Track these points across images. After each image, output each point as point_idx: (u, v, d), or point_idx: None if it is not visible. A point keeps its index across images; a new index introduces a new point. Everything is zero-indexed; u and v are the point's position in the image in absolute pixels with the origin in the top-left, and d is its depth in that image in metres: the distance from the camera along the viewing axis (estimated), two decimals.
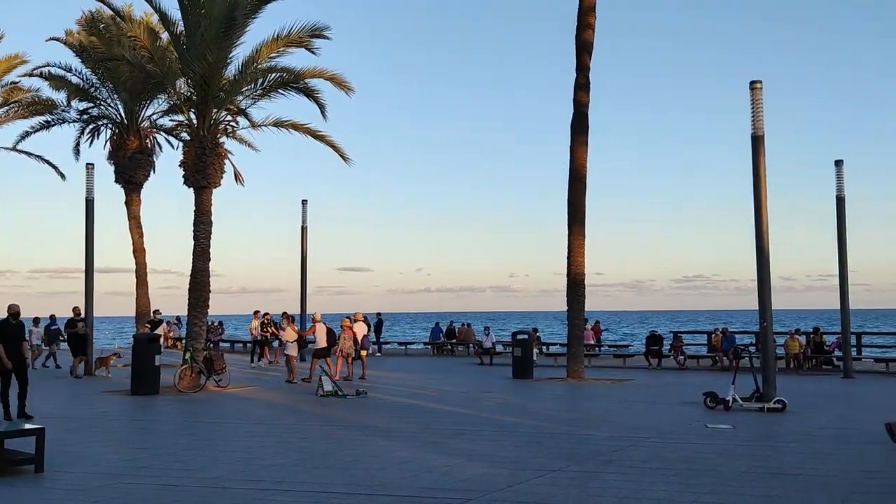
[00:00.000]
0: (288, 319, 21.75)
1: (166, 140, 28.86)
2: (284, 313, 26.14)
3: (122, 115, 27.01)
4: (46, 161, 29.69)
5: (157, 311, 24.07)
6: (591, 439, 10.77)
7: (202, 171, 19.34)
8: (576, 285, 21.08)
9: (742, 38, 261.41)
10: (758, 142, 15.22)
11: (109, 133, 27.63)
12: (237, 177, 25.44)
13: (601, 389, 18.38)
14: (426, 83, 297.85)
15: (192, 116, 20.01)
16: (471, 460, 9.12)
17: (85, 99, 27.01)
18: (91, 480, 8.17)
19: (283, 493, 7.46)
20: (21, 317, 13.09)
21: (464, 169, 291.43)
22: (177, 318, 33.83)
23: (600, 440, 10.66)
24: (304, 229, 29.61)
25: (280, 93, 20.74)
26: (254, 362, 26.20)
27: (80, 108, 27.45)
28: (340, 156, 23.05)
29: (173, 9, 19.29)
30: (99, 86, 26.66)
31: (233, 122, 20.98)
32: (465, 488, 7.62)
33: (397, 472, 8.41)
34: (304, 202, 29.70)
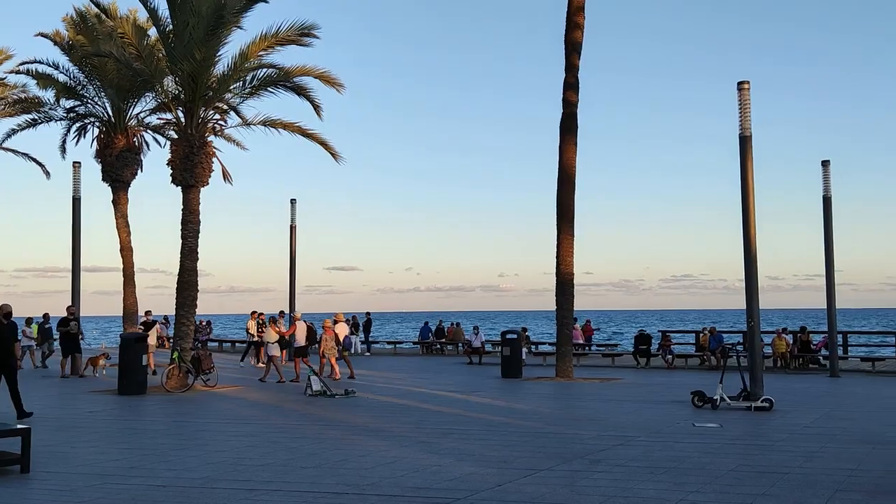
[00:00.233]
0: (271, 319, 21.74)
1: (154, 138, 28.66)
2: (281, 312, 26.11)
3: (110, 113, 26.80)
4: (33, 159, 29.48)
5: (149, 312, 23.92)
6: (579, 438, 10.79)
7: (190, 170, 19.25)
8: (565, 285, 21.11)
9: (730, 38, 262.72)
10: (745, 142, 15.30)
11: (96, 131, 27.43)
12: (225, 176, 25.32)
13: (590, 389, 18.42)
14: (415, 83, 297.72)
15: (180, 115, 19.91)
16: (459, 460, 9.12)
17: (72, 97, 26.80)
18: (77, 481, 8.12)
19: (271, 493, 7.43)
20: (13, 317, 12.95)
21: (453, 168, 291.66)
22: (164, 318, 33.71)
23: (589, 439, 10.68)
24: (292, 228, 29.55)
25: (270, 91, 20.64)
26: (242, 361, 26.15)
27: (67, 106, 27.23)
28: (331, 154, 22.96)
29: (161, 7, 19.20)
30: (86, 83, 26.45)
31: (221, 120, 20.89)
32: (453, 488, 7.62)
33: (386, 472, 8.40)
34: (292, 201, 29.67)
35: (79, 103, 27.06)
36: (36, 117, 27.24)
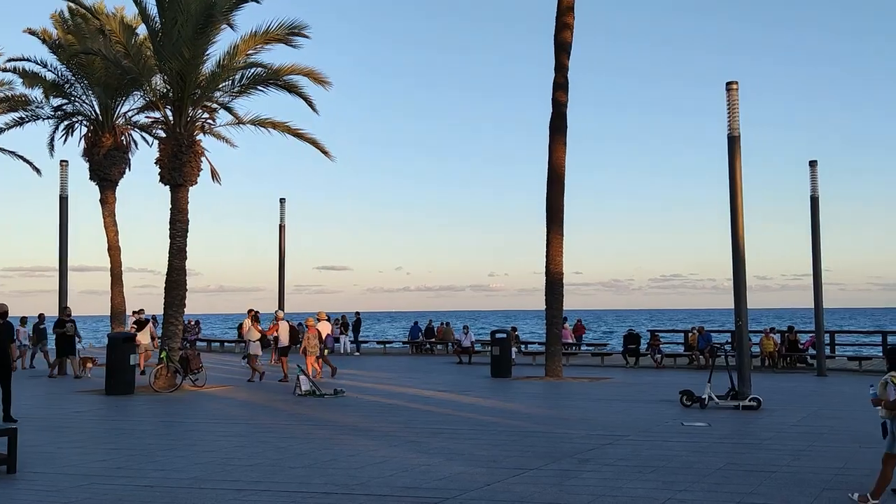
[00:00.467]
0: (254, 319, 21.71)
1: (142, 137, 28.55)
2: (277, 311, 25.99)
3: (97, 112, 26.65)
4: (20, 157, 29.26)
5: (142, 311, 23.73)
6: (568, 438, 10.81)
7: (178, 169, 19.16)
8: (554, 284, 21.15)
9: (719, 39, 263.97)
10: (733, 142, 15.37)
11: (84, 130, 27.27)
12: (214, 175, 25.22)
13: (579, 388, 18.46)
14: (405, 83, 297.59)
15: (168, 113, 19.81)
16: (449, 459, 9.12)
17: (59, 95, 26.63)
18: (64, 481, 8.07)
19: (259, 494, 7.41)
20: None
21: (444, 168, 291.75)
22: (153, 318, 33.51)
23: (578, 438, 10.70)
24: (282, 228, 29.49)
25: (259, 89, 20.56)
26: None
27: (55, 105, 27.06)
28: (322, 152, 22.91)
29: (150, 4, 19.09)
30: (74, 82, 26.29)
31: (210, 119, 20.80)
32: (443, 487, 7.61)
33: (375, 472, 8.39)
34: (282, 200, 29.61)
35: (66, 101, 26.89)
36: (23, 115, 27.04)
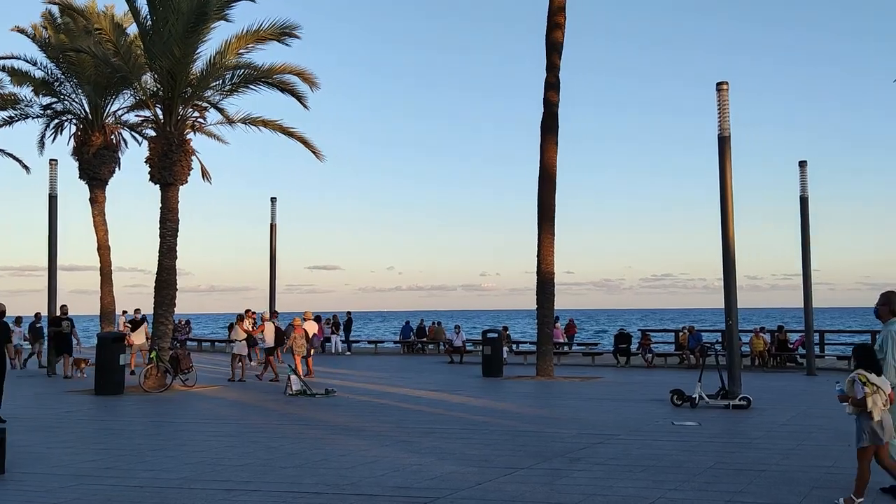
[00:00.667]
0: (238, 318, 21.74)
1: (132, 136, 28.44)
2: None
3: (87, 111, 26.53)
4: (10, 155, 29.09)
5: (138, 310, 23.61)
6: (559, 437, 10.82)
7: (168, 168, 19.08)
8: (545, 284, 21.17)
9: (710, 39, 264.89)
10: (724, 142, 15.40)
11: (73, 128, 27.15)
12: (204, 174, 25.15)
13: (570, 387, 18.49)
14: (397, 82, 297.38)
15: (159, 112, 19.73)
16: (440, 459, 9.11)
17: (49, 93, 26.49)
18: (54, 481, 8.02)
19: (250, 494, 7.38)
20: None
21: (435, 168, 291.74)
22: (144, 316, 33.35)
23: (568, 438, 10.72)
24: (273, 227, 29.38)
25: (251, 88, 20.53)
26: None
27: (44, 103, 26.93)
28: (312, 151, 22.89)
29: (141, 3, 19.02)
30: (63, 80, 26.16)
31: (200, 117, 20.72)
32: (434, 486, 7.61)
33: (366, 471, 8.38)
34: (273, 200, 29.49)
35: (56, 100, 26.75)
36: (12, 114, 26.88)
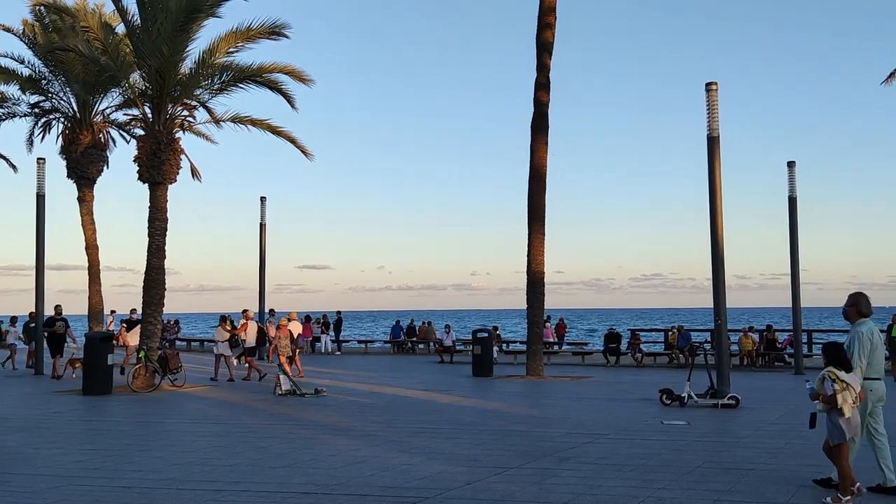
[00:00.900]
0: (221, 318, 21.75)
1: (120, 135, 28.30)
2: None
3: (75, 109, 26.37)
4: None
5: (134, 310, 23.47)
6: (548, 436, 10.84)
7: (157, 167, 18.99)
8: (535, 283, 21.20)
9: (699, 40, 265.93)
10: (713, 142, 15.46)
11: (61, 127, 26.98)
12: (194, 173, 25.10)
13: (560, 387, 18.52)
14: (387, 82, 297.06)
15: (147, 111, 19.64)
16: (430, 458, 9.11)
17: (36, 92, 26.32)
18: (41, 482, 7.97)
19: (239, 494, 7.36)
20: None
21: (425, 167, 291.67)
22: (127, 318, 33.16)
23: (558, 437, 10.73)
24: (262, 226, 29.30)
25: (240, 87, 20.43)
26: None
27: (32, 102, 26.76)
28: (301, 151, 22.85)
29: (130, 1, 18.92)
30: (51, 78, 26.00)
31: (189, 116, 20.64)
32: (423, 486, 7.60)
33: (356, 471, 8.36)
34: (262, 199, 29.42)
35: (43, 98, 26.58)
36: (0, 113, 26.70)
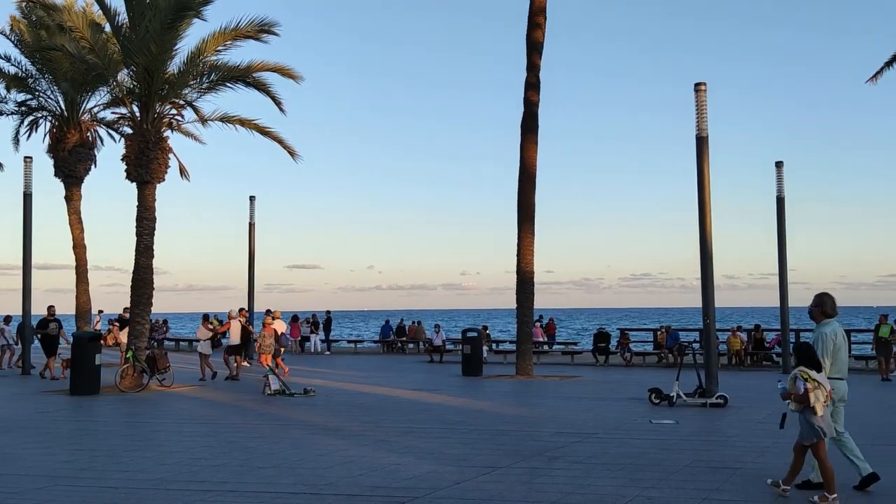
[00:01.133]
0: (204, 317, 21.72)
1: (108, 133, 28.15)
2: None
3: (62, 108, 26.21)
4: None
5: (127, 309, 23.32)
6: (538, 436, 10.84)
7: (145, 166, 18.89)
8: (525, 283, 21.22)
9: (689, 39, 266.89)
10: (702, 142, 15.51)
11: (49, 125, 26.80)
12: (182, 171, 24.94)
13: (549, 386, 18.54)
14: (377, 81, 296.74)
15: (135, 109, 19.53)
16: (419, 458, 9.10)
17: (23, 90, 26.15)
18: (27, 482, 7.91)
19: (226, 494, 7.32)
20: None
21: (416, 167, 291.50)
22: (119, 316, 32.99)
23: (547, 436, 10.74)
24: (251, 226, 29.20)
25: (228, 86, 20.37)
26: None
27: (19, 100, 26.57)
28: (288, 152, 22.80)
29: (118, 1, 18.82)
30: (38, 77, 25.83)
31: (178, 115, 20.54)
32: (412, 486, 7.59)
33: (344, 471, 8.34)
34: (251, 198, 29.31)
35: (30, 97, 26.41)
36: None
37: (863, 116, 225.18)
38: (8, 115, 26.82)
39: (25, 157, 23.28)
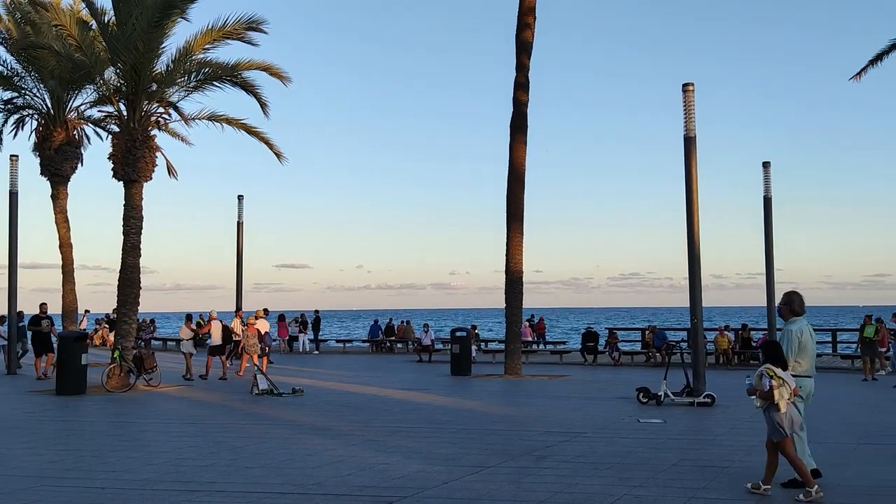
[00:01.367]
0: (187, 318, 21.63)
1: (95, 132, 27.94)
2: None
3: (49, 106, 25.99)
4: None
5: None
6: (526, 435, 10.86)
7: (132, 165, 18.78)
8: (514, 283, 21.25)
9: (677, 39, 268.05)
10: (689, 142, 15.58)
11: (35, 124, 26.58)
12: (170, 170, 24.83)
13: (537, 386, 18.57)
14: (366, 80, 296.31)
15: (122, 108, 19.42)
16: (407, 458, 9.09)
17: (9, 87, 25.94)
18: (13, 483, 7.85)
19: (214, 495, 7.29)
20: None
21: (405, 165, 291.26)
22: (106, 316, 32.86)
23: (535, 436, 10.76)
24: (239, 225, 29.11)
25: (216, 85, 20.28)
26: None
27: (4, 98, 26.35)
28: (274, 153, 22.75)
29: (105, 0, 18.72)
30: (24, 75, 25.63)
31: (165, 114, 20.43)
32: (400, 486, 7.59)
33: (332, 471, 8.33)
34: (240, 197, 29.23)
35: (16, 95, 26.18)
36: None
37: (851, 116, 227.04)
38: None
39: (11, 156, 23.11)
